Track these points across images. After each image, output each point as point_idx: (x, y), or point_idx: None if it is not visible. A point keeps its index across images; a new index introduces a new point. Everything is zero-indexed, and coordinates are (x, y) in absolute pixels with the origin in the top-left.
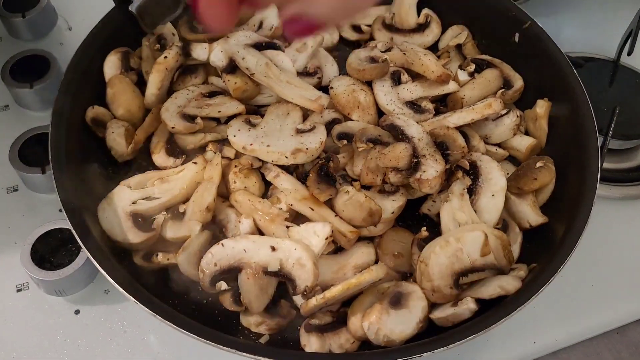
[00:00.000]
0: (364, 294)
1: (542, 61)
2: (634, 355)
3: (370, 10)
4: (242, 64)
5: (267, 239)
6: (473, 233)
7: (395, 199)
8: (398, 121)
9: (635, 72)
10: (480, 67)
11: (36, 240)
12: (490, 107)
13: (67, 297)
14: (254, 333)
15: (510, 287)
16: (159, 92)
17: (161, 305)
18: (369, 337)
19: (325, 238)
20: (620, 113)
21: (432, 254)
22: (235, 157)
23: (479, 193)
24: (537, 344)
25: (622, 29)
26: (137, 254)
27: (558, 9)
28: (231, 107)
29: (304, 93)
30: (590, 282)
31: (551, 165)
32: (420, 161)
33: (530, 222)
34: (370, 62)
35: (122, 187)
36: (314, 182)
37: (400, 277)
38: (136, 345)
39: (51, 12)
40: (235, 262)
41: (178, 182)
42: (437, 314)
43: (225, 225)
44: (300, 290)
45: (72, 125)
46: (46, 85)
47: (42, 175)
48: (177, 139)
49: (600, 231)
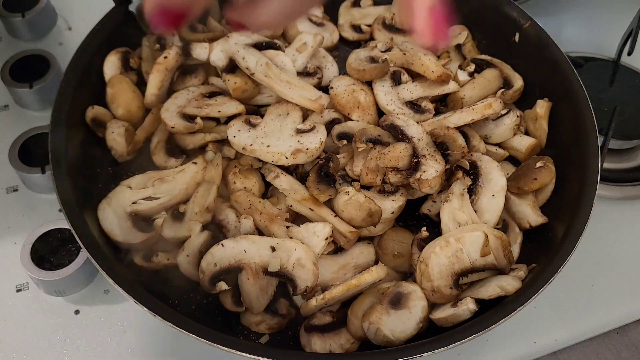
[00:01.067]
0: (364, 294)
1: (542, 61)
2: (634, 355)
3: (370, 10)
4: (242, 63)
5: (267, 239)
6: (473, 233)
7: (395, 199)
8: (398, 121)
9: (635, 72)
10: (480, 67)
11: (36, 240)
12: (490, 107)
13: (67, 297)
14: (254, 333)
15: (510, 288)
16: (159, 92)
17: (161, 305)
18: (369, 337)
19: (325, 238)
20: (620, 113)
21: (432, 254)
22: (235, 157)
23: (479, 193)
24: (537, 344)
25: (622, 29)
26: (137, 254)
27: (558, 9)
28: (231, 107)
29: (304, 93)
30: (590, 282)
31: (551, 165)
32: (420, 161)
33: (530, 222)
34: (370, 62)
35: (122, 187)
36: (314, 183)
37: (400, 277)
38: (136, 345)
39: (51, 12)
40: (235, 263)
41: (178, 183)
42: (436, 315)
43: (225, 225)
44: (301, 290)
45: (72, 125)
46: (46, 85)
47: (42, 175)
48: (177, 139)
49: (600, 231)
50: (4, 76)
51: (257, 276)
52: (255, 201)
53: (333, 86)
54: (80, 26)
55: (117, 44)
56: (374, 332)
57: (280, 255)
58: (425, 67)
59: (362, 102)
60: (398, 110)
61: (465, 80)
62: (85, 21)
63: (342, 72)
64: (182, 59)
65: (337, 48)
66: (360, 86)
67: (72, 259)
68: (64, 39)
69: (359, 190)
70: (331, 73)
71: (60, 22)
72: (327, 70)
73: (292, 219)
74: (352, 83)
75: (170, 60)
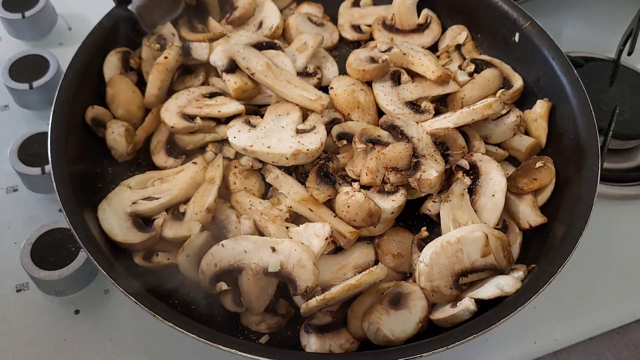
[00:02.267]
0: (363, 294)
1: (542, 61)
2: (634, 355)
3: (370, 10)
4: (242, 63)
5: (267, 239)
6: (474, 234)
7: (395, 199)
8: (398, 121)
9: (635, 72)
10: (480, 67)
11: (36, 240)
12: (490, 107)
13: (67, 297)
14: (254, 333)
15: (509, 288)
16: (159, 92)
17: (161, 305)
18: (369, 337)
19: (325, 238)
20: (620, 113)
21: (432, 254)
22: (235, 157)
23: (479, 193)
24: (537, 344)
25: (622, 29)
26: (137, 254)
27: (558, 9)
28: (231, 107)
29: (304, 93)
30: (590, 282)
31: (551, 165)
32: (420, 161)
33: (530, 223)
34: (370, 62)
35: (122, 188)
36: (314, 183)
37: (400, 277)
38: (136, 345)
39: (51, 12)
40: (235, 263)
41: (178, 183)
42: (436, 316)
43: (225, 226)
44: (301, 290)
45: (72, 125)
46: (46, 85)
47: (42, 175)
48: (177, 139)
49: (600, 231)
50: (4, 76)
51: (257, 276)
52: (255, 202)
53: (333, 86)
54: (80, 26)
55: (117, 44)
56: (374, 332)
57: (281, 255)
58: (425, 67)
59: (362, 102)
60: (398, 110)
61: (465, 81)
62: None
63: (342, 72)
64: (182, 59)
65: (337, 48)
66: (360, 86)
67: (72, 259)
68: (64, 39)
69: (358, 191)
70: (331, 73)
71: (60, 22)
72: (327, 70)
73: (292, 220)
74: (352, 83)
75: (170, 61)
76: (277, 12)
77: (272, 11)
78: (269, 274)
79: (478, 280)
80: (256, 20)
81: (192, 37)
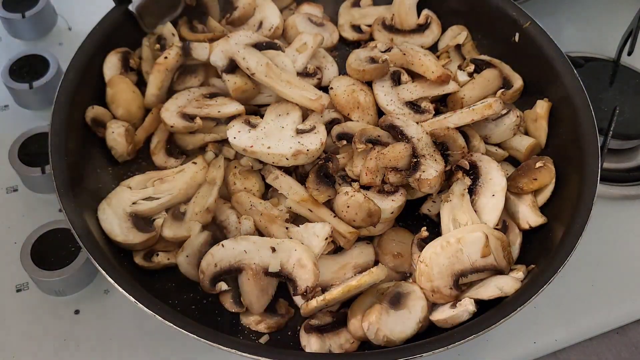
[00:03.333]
0: (363, 294)
1: (542, 61)
2: (634, 355)
3: (370, 10)
4: (242, 63)
5: (267, 239)
6: (474, 234)
7: (394, 199)
8: (398, 121)
9: (635, 72)
10: (480, 67)
11: (36, 240)
12: (490, 107)
13: (67, 297)
14: (254, 333)
15: (509, 289)
16: (159, 92)
17: (161, 305)
18: (368, 337)
19: (325, 238)
20: (620, 113)
21: (432, 254)
22: (234, 157)
23: (479, 193)
24: (537, 344)
25: (622, 29)
26: (137, 254)
27: (558, 9)
28: (231, 107)
29: (304, 93)
30: (590, 282)
31: (551, 165)
32: (420, 161)
33: (529, 223)
34: (370, 63)
35: (122, 188)
36: (313, 183)
37: (400, 277)
38: (136, 345)
39: (51, 12)
40: (235, 263)
41: (178, 183)
42: (436, 316)
43: (225, 226)
44: (302, 290)
45: (72, 125)
46: (46, 85)
47: (42, 175)
48: (177, 139)
49: (600, 231)
50: (4, 76)
51: (257, 277)
52: (256, 202)
53: (333, 86)
54: (80, 26)
55: (117, 44)
56: (373, 332)
57: (281, 255)
58: (425, 67)
59: (362, 102)
60: (398, 110)
61: (465, 81)
62: (86, 21)
63: (342, 72)
64: (182, 59)
65: (337, 48)
66: (360, 86)
67: (72, 259)
68: (64, 39)
69: (358, 191)
70: (331, 73)
71: (60, 22)
72: (327, 71)
73: (292, 220)
74: (352, 83)
75: (170, 61)
76: (277, 12)
77: (272, 11)
78: (269, 274)
79: (478, 280)
80: (256, 20)
81: (192, 37)
